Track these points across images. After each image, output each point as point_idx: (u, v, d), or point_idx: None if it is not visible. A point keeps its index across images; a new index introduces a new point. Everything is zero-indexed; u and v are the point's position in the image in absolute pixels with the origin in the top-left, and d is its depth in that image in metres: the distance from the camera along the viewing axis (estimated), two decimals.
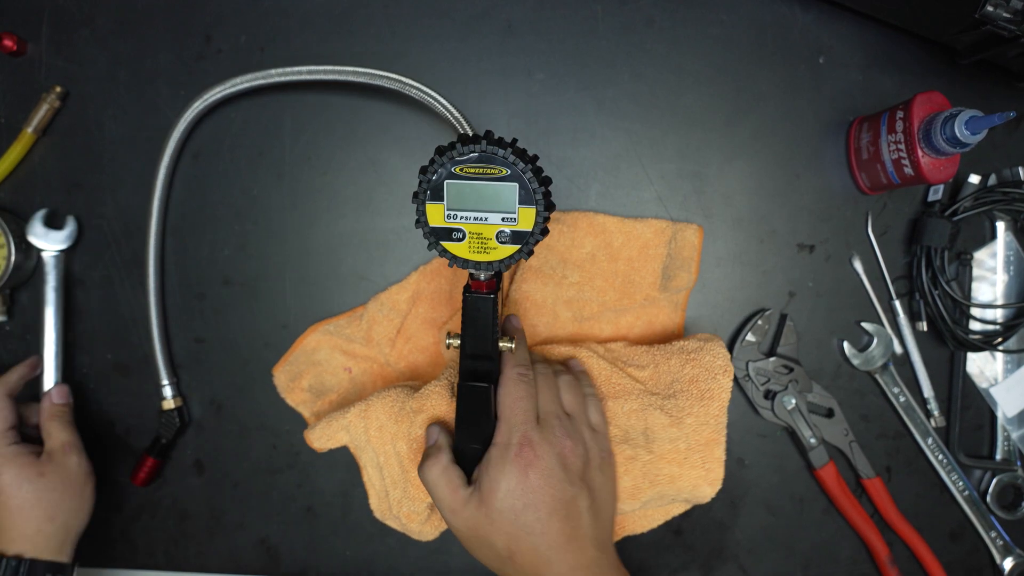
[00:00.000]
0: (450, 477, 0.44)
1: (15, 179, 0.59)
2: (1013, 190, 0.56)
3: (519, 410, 0.43)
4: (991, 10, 0.46)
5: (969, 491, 0.59)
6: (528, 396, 0.44)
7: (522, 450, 0.42)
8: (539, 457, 0.42)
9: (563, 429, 0.44)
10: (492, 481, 0.42)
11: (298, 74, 0.53)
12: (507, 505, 0.41)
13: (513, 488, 0.41)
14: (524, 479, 0.41)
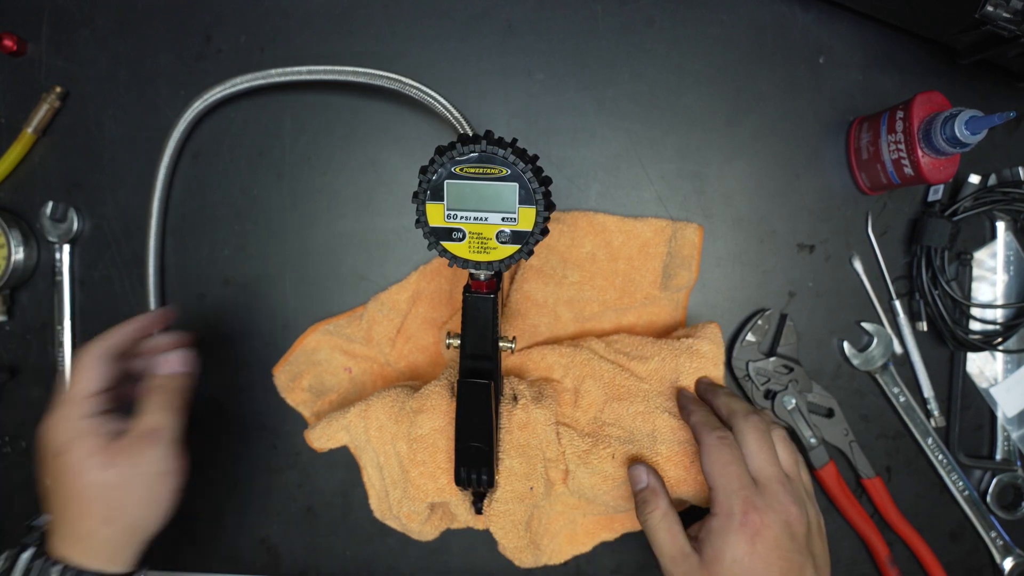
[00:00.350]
0: (670, 524, 0.43)
1: (15, 179, 0.59)
2: (1013, 190, 0.56)
3: (731, 475, 0.41)
4: (991, 10, 0.46)
5: (969, 491, 0.59)
6: (736, 460, 0.42)
7: (747, 518, 0.40)
8: (766, 526, 0.40)
9: (787, 494, 0.41)
10: (716, 551, 0.40)
11: (298, 74, 0.53)
12: (727, 568, 0.40)
13: (740, 558, 0.39)
14: (751, 549, 0.39)
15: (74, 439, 0.41)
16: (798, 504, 0.41)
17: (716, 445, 0.42)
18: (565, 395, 0.53)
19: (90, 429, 0.42)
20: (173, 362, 0.47)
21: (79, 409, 0.42)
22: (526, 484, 0.52)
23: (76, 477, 0.41)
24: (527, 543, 0.55)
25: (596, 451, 0.51)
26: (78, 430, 0.42)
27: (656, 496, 0.45)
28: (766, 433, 0.43)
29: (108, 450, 0.42)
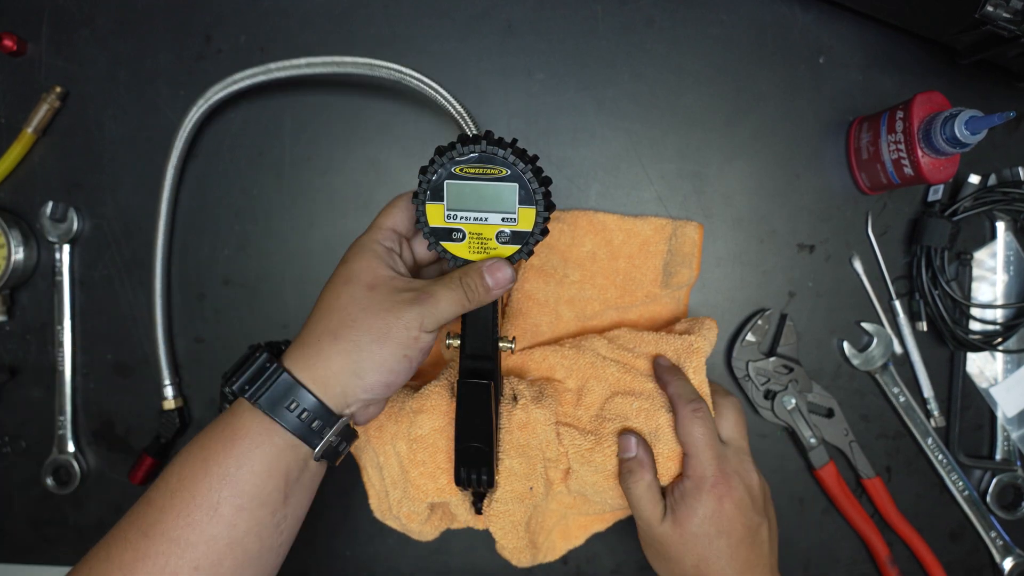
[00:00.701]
0: (654, 495, 0.47)
1: (15, 179, 0.59)
2: (1013, 190, 0.56)
3: (705, 445, 0.46)
4: (991, 10, 0.46)
5: (969, 491, 0.59)
6: (710, 431, 0.46)
7: (717, 482, 0.45)
8: (733, 488, 0.45)
9: (750, 463, 0.47)
10: (689, 509, 0.45)
11: (297, 67, 0.52)
12: (702, 531, 0.44)
13: (709, 516, 0.44)
14: (719, 508, 0.44)
15: (362, 254, 0.40)
16: (754, 472, 0.47)
17: (690, 417, 0.46)
18: (567, 395, 0.53)
19: (380, 252, 0.41)
20: (501, 277, 0.42)
21: (378, 235, 0.42)
22: (526, 484, 0.52)
23: (341, 285, 0.39)
24: (526, 543, 0.55)
25: (599, 449, 0.51)
26: (372, 250, 0.41)
27: (643, 468, 0.47)
28: (740, 409, 0.50)
29: (380, 276, 0.40)
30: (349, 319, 0.38)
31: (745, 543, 0.45)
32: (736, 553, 0.44)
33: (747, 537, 0.45)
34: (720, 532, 0.44)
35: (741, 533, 0.44)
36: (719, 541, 0.44)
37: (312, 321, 0.40)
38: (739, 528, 0.44)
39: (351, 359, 0.38)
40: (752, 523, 0.45)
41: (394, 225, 0.42)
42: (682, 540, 0.45)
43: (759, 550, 0.45)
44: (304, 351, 0.39)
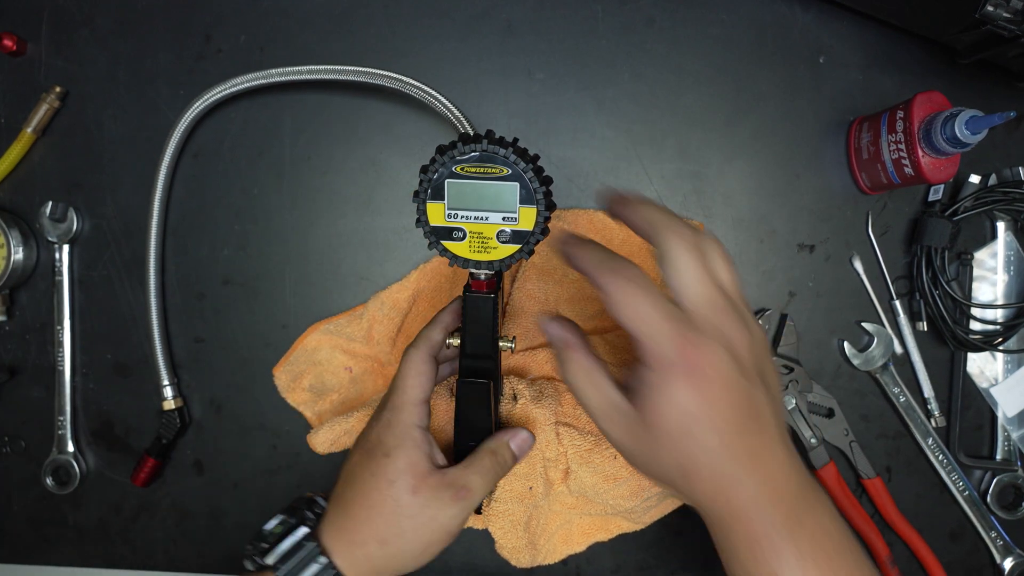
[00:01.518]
0: (596, 379, 0.36)
1: (15, 179, 0.59)
2: (1013, 190, 0.56)
3: (654, 317, 0.33)
4: (991, 10, 0.46)
5: (969, 491, 0.59)
6: (653, 297, 0.33)
7: (686, 360, 0.32)
8: (709, 362, 0.32)
9: (727, 318, 0.34)
10: (658, 405, 0.33)
11: (298, 74, 0.53)
12: (678, 427, 0.33)
13: (687, 408, 0.33)
14: (698, 394, 0.32)
15: (403, 445, 0.42)
16: (741, 327, 0.34)
17: (621, 288, 0.33)
18: (567, 395, 0.53)
19: (419, 441, 0.42)
20: (524, 442, 0.47)
21: (413, 416, 0.43)
22: (525, 484, 0.52)
23: (385, 487, 0.41)
24: (525, 543, 0.55)
25: (598, 451, 0.51)
26: (412, 438, 0.42)
27: (574, 350, 0.37)
28: (698, 248, 0.34)
29: (422, 475, 0.41)
30: (397, 529, 0.41)
31: (739, 426, 0.33)
32: (731, 442, 0.33)
33: (742, 419, 0.33)
34: (702, 421, 0.33)
35: (732, 416, 0.33)
36: (703, 434, 0.33)
37: (353, 509, 0.42)
38: (729, 412, 0.33)
39: (396, 561, 0.41)
40: (744, 398, 0.33)
41: (423, 394, 0.43)
42: (656, 441, 0.34)
43: (760, 428, 0.34)
44: (351, 549, 0.41)
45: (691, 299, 0.33)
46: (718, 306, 0.34)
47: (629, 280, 0.34)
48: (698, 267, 0.34)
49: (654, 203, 0.37)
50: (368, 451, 0.43)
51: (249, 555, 0.42)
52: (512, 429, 0.48)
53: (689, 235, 0.34)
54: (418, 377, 0.43)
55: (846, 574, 0.35)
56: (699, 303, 0.33)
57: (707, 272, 0.34)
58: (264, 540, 0.41)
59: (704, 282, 0.34)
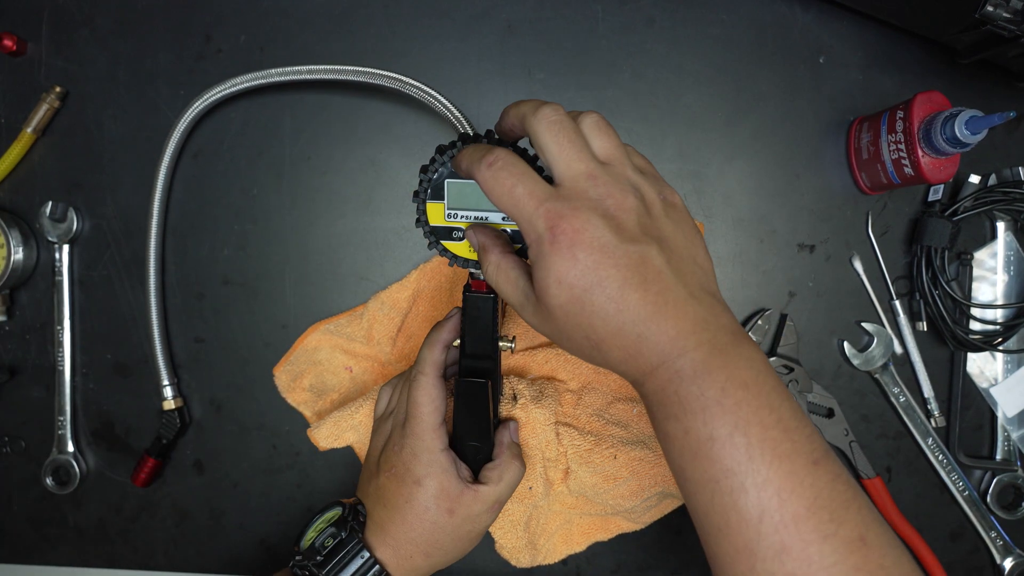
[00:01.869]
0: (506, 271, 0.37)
1: (15, 179, 0.59)
2: (1013, 190, 0.56)
3: (521, 196, 0.33)
4: (991, 10, 0.46)
5: (969, 491, 0.59)
6: (520, 175, 0.34)
7: (555, 232, 0.32)
8: (580, 230, 0.32)
9: (601, 185, 0.34)
10: (540, 281, 0.34)
11: (298, 74, 0.53)
12: (566, 299, 0.33)
13: (564, 278, 0.32)
14: (573, 263, 0.32)
15: (431, 473, 0.44)
16: (620, 190, 0.34)
17: (489, 174, 0.34)
18: (567, 395, 0.53)
19: (446, 465, 0.44)
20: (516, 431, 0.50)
21: (436, 441, 0.44)
22: (525, 484, 0.52)
23: (422, 512, 0.44)
24: (525, 543, 0.56)
25: (598, 451, 0.51)
26: (438, 464, 0.44)
27: (490, 251, 0.38)
28: (563, 123, 0.35)
29: (455, 497, 0.44)
30: (439, 545, 0.44)
31: (631, 285, 0.32)
32: (624, 303, 0.32)
33: (632, 279, 0.32)
34: (588, 290, 0.32)
35: (621, 278, 0.32)
36: (593, 300, 0.32)
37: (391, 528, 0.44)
38: (615, 274, 0.32)
39: (438, 565, 0.46)
40: (626, 258, 0.32)
41: (439, 417, 0.45)
42: (554, 319, 0.34)
43: (658, 285, 0.33)
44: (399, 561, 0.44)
45: (560, 174, 0.34)
46: (592, 176, 0.34)
47: (499, 167, 0.34)
48: (564, 142, 0.34)
49: (526, 100, 0.37)
50: (397, 477, 0.45)
51: (304, 567, 0.44)
52: (509, 426, 0.49)
53: (551, 113, 0.35)
54: (431, 403, 0.44)
55: (759, 426, 0.31)
56: (569, 176, 0.34)
57: (578, 146, 0.34)
58: (317, 553, 0.43)
59: (575, 156, 0.34)
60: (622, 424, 0.52)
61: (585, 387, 0.53)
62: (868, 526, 0.31)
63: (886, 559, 0.31)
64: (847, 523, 0.30)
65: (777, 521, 0.30)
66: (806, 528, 0.30)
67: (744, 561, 0.31)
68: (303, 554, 0.44)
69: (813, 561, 0.30)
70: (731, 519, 0.31)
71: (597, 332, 0.33)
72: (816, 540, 0.30)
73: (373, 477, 0.47)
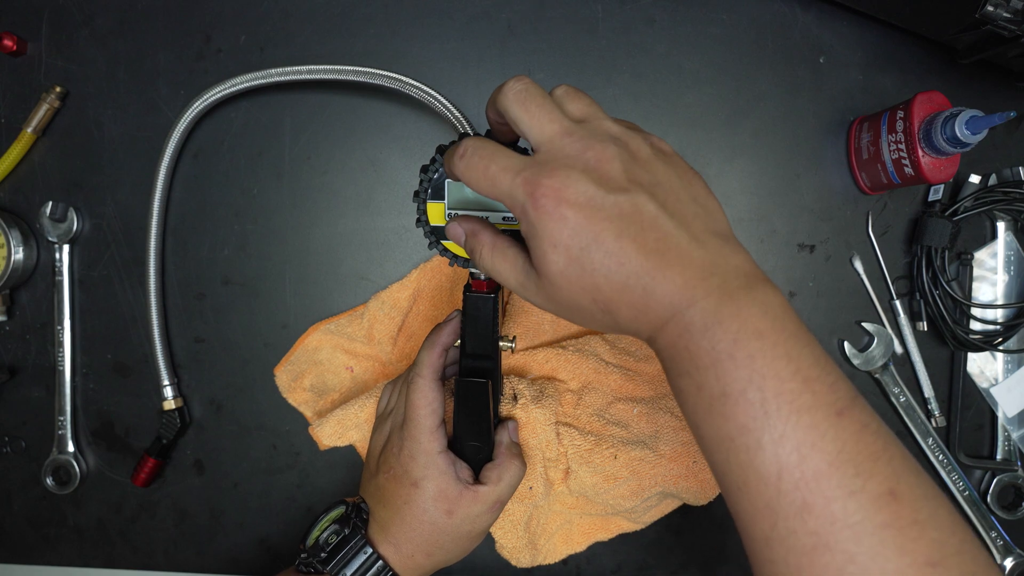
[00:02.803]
0: (502, 253, 0.36)
1: (15, 179, 0.59)
2: (1013, 190, 0.56)
3: (497, 172, 0.32)
4: (991, 10, 0.46)
5: (969, 491, 0.59)
6: (493, 153, 0.33)
7: (536, 195, 0.31)
8: (562, 188, 0.31)
9: (577, 142, 0.32)
10: (535, 251, 0.32)
11: (298, 74, 0.53)
12: (564, 262, 0.31)
13: (557, 240, 0.31)
14: (562, 222, 0.31)
15: (430, 475, 0.44)
16: (599, 141, 0.32)
17: (463, 165, 0.34)
18: (567, 395, 0.53)
19: (444, 466, 0.44)
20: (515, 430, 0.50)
21: (433, 443, 0.44)
22: (525, 484, 0.52)
23: (421, 513, 0.44)
24: (525, 543, 0.56)
25: (599, 451, 0.51)
26: (436, 466, 0.44)
27: (477, 237, 0.37)
28: (528, 91, 0.33)
29: (454, 498, 0.44)
30: (439, 544, 0.45)
31: (627, 236, 0.30)
32: (623, 257, 0.30)
33: (628, 230, 0.30)
34: (584, 248, 0.31)
35: (616, 231, 0.30)
36: (591, 259, 0.31)
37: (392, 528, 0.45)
38: (609, 228, 0.30)
39: (440, 564, 0.46)
40: (622, 209, 0.31)
41: (437, 420, 0.45)
42: (557, 287, 0.32)
43: (655, 232, 0.31)
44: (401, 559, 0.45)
45: (535, 140, 0.33)
46: (568, 133, 0.32)
47: (469, 154, 0.34)
48: (532, 107, 0.33)
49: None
50: (396, 478, 0.45)
51: (309, 564, 0.44)
52: (509, 425, 0.49)
53: (514, 84, 0.34)
54: (428, 406, 0.44)
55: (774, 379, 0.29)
56: (544, 139, 0.33)
57: (546, 108, 0.33)
58: (321, 550, 0.44)
59: (545, 118, 0.33)
60: (622, 424, 0.52)
61: (585, 387, 0.53)
62: (900, 478, 0.29)
63: (920, 513, 0.28)
64: (875, 477, 0.28)
65: (797, 478, 0.29)
66: (829, 484, 0.28)
67: (765, 519, 0.30)
68: (308, 551, 0.44)
69: (837, 519, 0.28)
70: (749, 477, 0.30)
71: (603, 292, 0.31)
72: (840, 496, 0.28)
73: (373, 477, 0.47)
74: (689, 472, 0.52)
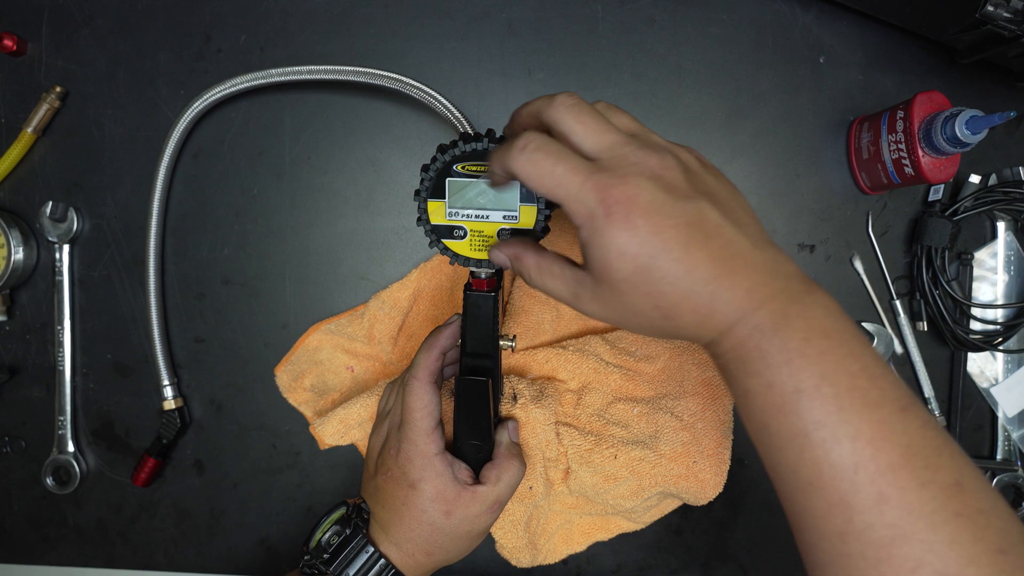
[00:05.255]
0: (554, 271, 0.36)
1: (15, 179, 0.59)
2: (1013, 190, 0.56)
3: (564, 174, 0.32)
4: (991, 10, 0.46)
5: None
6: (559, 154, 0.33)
7: (607, 203, 0.31)
8: (632, 195, 0.31)
9: (637, 150, 0.32)
10: (600, 259, 0.32)
11: (298, 74, 0.53)
12: (631, 270, 0.31)
13: (627, 247, 0.31)
14: (633, 231, 0.31)
15: (427, 476, 0.44)
16: (656, 153, 0.33)
17: (524, 158, 0.33)
18: (567, 395, 0.53)
19: (441, 468, 0.44)
20: (515, 430, 0.50)
21: (429, 445, 0.44)
22: (525, 484, 0.52)
23: (419, 514, 0.44)
24: (525, 543, 0.55)
25: (599, 451, 0.51)
26: (433, 468, 0.44)
27: (521, 260, 0.37)
28: (581, 105, 0.34)
29: (451, 499, 0.44)
30: (439, 544, 0.45)
31: (696, 243, 0.31)
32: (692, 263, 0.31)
33: (694, 236, 0.31)
34: (654, 255, 0.31)
35: (680, 237, 0.31)
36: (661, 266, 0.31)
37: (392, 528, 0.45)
38: (675, 235, 0.31)
39: (441, 563, 0.46)
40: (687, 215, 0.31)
41: (433, 422, 0.45)
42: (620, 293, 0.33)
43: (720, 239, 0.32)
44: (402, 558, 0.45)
45: (595, 148, 0.33)
46: (626, 144, 0.33)
47: (533, 149, 0.33)
48: (588, 120, 0.33)
49: (534, 99, 0.36)
50: (394, 480, 0.45)
51: (312, 565, 0.45)
52: (508, 425, 0.49)
53: (567, 99, 0.34)
54: (424, 408, 0.44)
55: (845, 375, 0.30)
56: (605, 147, 0.33)
57: (602, 120, 0.33)
58: (323, 551, 0.44)
59: (601, 129, 0.33)
60: (622, 424, 0.52)
61: (585, 387, 0.53)
62: (962, 471, 0.30)
63: (984, 503, 0.30)
64: (942, 469, 0.30)
65: (873, 471, 0.29)
66: (903, 476, 0.29)
67: (840, 514, 0.30)
68: (311, 553, 0.44)
69: (913, 508, 0.29)
70: (824, 472, 0.30)
71: (667, 299, 0.32)
72: (914, 487, 0.29)
73: (372, 478, 0.47)
74: (689, 472, 0.52)
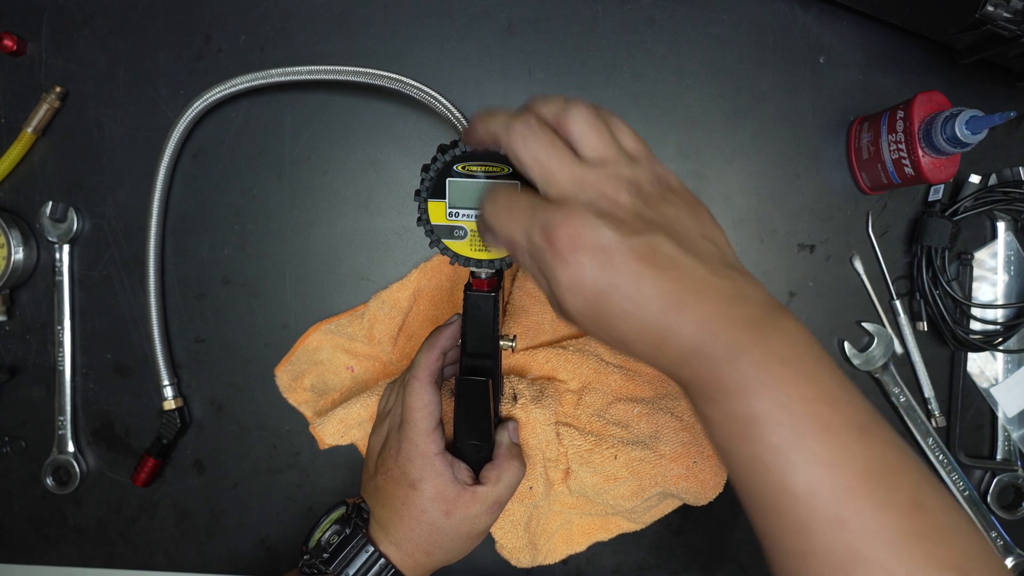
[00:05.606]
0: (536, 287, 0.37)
1: (15, 179, 0.59)
2: (1013, 190, 0.56)
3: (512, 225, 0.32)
4: (991, 10, 0.46)
5: (969, 491, 0.59)
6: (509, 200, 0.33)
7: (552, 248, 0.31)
8: (574, 235, 0.30)
9: (587, 186, 0.31)
10: (553, 293, 0.32)
11: (298, 74, 0.53)
12: (582, 305, 0.31)
13: (573, 286, 0.31)
14: (578, 268, 0.30)
15: (427, 476, 0.44)
16: (612, 187, 0.32)
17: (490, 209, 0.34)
18: (567, 395, 0.53)
19: (441, 468, 0.44)
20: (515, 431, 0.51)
21: (430, 445, 0.44)
22: (525, 484, 0.52)
23: (419, 514, 0.44)
24: (525, 543, 0.55)
25: (599, 451, 0.51)
26: (433, 468, 0.44)
27: None
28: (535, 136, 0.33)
29: (451, 499, 0.44)
30: (439, 544, 0.45)
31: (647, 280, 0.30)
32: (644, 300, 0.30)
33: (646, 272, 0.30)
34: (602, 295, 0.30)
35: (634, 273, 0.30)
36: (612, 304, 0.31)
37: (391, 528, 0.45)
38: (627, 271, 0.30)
39: (441, 563, 0.47)
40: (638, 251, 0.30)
41: (433, 422, 0.45)
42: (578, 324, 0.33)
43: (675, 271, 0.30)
44: (402, 557, 0.45)
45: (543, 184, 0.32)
46: (579, 180, 0.32)
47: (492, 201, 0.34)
48: (541, 155, 0.32)
49: (493, 112, 0.35)
50: (394, 480, 0.45)
51: (312, 565, 0.45)
52: (508, 425, 0.49)
53: (521, 127, 0.33)
54: (424, 408, 0.45)
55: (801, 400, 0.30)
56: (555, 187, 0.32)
57: (556, 155, 0.32)
58: (323, 551, 0.44)
59: (555, 166, 0.32)
60: (622, 424, 0.52)
61: (585, 387, 0.53)
62: (923, 490, 0.30)
63: (943, 522, 0.30)
64: (901, 489, 0.30)
65: (829, 495, 0.29)
66: (860, 499, 0.29)
67: (799, 536, 0.30)
68: (310, 553, 0.44)
69: (871, 531, 0.29)
70: (782, 497, 0.30)
71: (620, 332, 0.31)
72: (871, 509, 0.29)
73: (372, 477, 0.47)
74: (689, 472, 0.52)
